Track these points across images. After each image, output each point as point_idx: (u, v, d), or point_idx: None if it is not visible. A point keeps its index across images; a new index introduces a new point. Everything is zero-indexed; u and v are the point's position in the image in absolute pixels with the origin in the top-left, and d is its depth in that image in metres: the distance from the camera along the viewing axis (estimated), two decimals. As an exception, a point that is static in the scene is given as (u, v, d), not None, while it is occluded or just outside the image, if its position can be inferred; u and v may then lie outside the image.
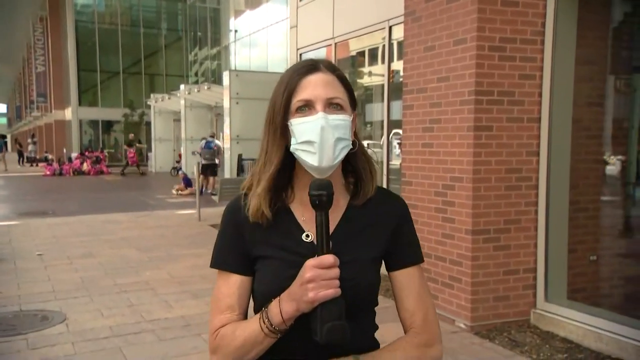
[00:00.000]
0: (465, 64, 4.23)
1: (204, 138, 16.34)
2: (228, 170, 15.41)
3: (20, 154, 32.57)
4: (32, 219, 10.65)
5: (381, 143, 7.09)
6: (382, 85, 7.05)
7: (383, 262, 1.27)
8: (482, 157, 4.26)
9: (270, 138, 1.21)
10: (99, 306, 5.13)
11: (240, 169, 15.42)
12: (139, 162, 23.53)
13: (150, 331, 4.48)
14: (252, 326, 1.13)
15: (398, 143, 6.55)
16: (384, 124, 6.38)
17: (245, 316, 1.22)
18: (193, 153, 19.19)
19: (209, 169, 15.72)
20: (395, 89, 6.50)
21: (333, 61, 7.49)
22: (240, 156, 15.45)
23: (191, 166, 16.95)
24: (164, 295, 5.49)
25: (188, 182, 15.74)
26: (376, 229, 1.24)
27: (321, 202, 1.07)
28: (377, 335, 1.31)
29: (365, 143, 6.71)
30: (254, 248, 1.21)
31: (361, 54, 7.60)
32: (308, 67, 1.20)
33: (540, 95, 4.39)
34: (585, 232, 4.68)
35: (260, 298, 1.20)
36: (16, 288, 5.72)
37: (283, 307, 1.09)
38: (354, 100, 1.24)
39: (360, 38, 7.00)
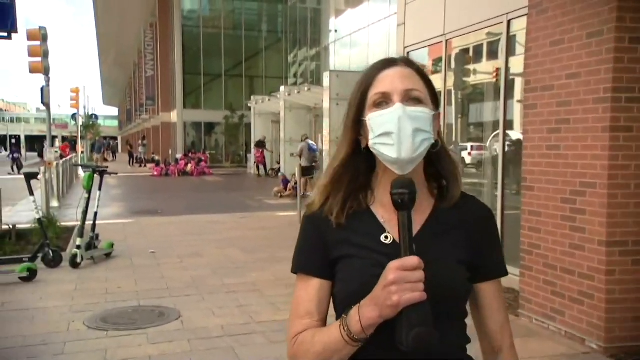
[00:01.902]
0: (600, 58, 3.93)
1: (306, 139, 16.47)
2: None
3: (131, 155, 35.10)
4: (143, 218, 11.42)
5: (487, 145, 6.83)
6: (495, 84, 6.77)
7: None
8: (620, 160, 3.94)
9: (345, 136, 1.23)
10: (210, 305, 5.37)
11: (340, 171, 15.60)
12: (265, 163, 24.17)
13: (261, 333, 4.61)
14: (333, 333, 1.11)
15: (508, 145, 6.25)
16: (500, 124, 6.11)
17: (324, 323, 1.21)
18: (292, 155, 19.62)
19: (308, 171, 15.94)
20: (511, 88, 6.21)
21: (443, 59, 7.32)
22: (339, 158, 15.64)
23: (290, 168, 17.35)
24: (270, 297, 5.64)
25: (287, 184, 16.09)
26: (463, 232, 1.21)
27: (403, 201, 1.06)
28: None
29: (468, 145, 6.43)
30: (334, 249, 1.20)
31: (474, 50, 7.35)
32: (385, 63, 1.21)
33: (690, 91, 3.98)
34: None
35: (343, 299, 1.17)
36: (134, 284, 6.15)
37: (363, 314, 1.06)
38: (435, 97, 1.22)
39: (473, 34, 6.77)
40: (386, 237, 1.18)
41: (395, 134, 1.12)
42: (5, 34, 5.88)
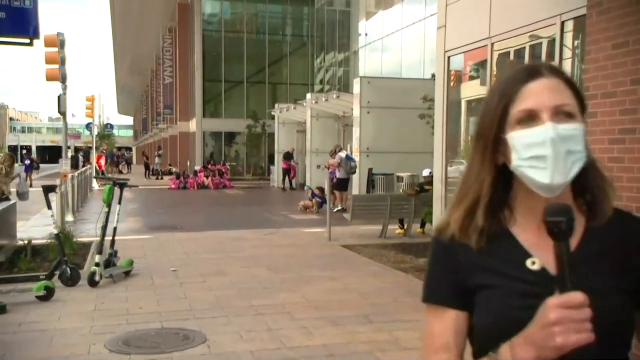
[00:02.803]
0: (671, 61, 3.84)
1: (340, 150, 16.25)
2: (357, 186, 15.55)
3: (147, 167, 35.51)
4: (162, 234, 11.53)
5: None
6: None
7: None
8: (693, 174, 3.82)
9: (478, 155, 1.20)
10: (237, 328, 5.36)
11: (371, 185, 15.45)
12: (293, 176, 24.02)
13: (293, 359, 4.58)
14: None
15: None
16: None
17: (462, 358, 1.20)
18: (318, 167, 19.62)
19: (344, 184, 15.79)
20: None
21: (488, 63, 7.27)
22: (370, 170, 15.47)
23: (316, 181, 17.33)
24: (301, 320, 5.60)
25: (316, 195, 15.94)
26: (621, 255, 1.16)
27: (561, 230, 1.01)
28: None
29: None
30: (470, 277, 1.18)
31: (522, 54, 7.28)
32: (528, 73, 1.17)
33: None
34: None
35: (484, 335, 1.15)
36: (156, 304, 6.19)
37: (517, 354, 1.02)
38: (583, 106, 1.18)
39: (521, 37, 6.71)
40: (533, 263, 1.15)
41: (547, 157, 1.09)
42: (27, 41, 6.02)
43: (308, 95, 21.02)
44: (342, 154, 15.69)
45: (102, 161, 30.22)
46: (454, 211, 1.22)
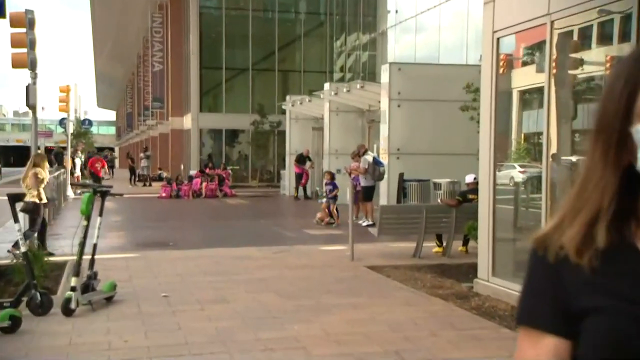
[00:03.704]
0: None
1: (365, 151, 16.15)
2: (385, 195, 15.52)
3: (132, 171, 35.69)
4: (151, 252, 11.63)
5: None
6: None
7: None
8: None
9: (598, 153, 1.17)
10: (242, 367, 5.37)
11: (402, 194, 15.38)
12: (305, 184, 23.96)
13: (309, 406, 4.57)
14: None
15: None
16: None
17: None
18: (338, 171, 19.63)
19: (370, 193, 15.73)
20: None
21: (547, 45, 7.21)
22: (401, 176, 15.43)
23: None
24: (319, 357, 5.64)
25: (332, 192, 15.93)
26: None
27: None
28: None
29: (573, 159, 6.19)
30: (578, 298, 1.16)
31: (589, 34, 7.24)
32: None
33: None
34: None
35: None
36: (143, 337, 6.21)
37: None
38: None
39: (588, 12, 6.67)
40: None
41: None
42: (-8, 20, 6.08)
43: (326, 86, 21.07)
44: (369, 158, 15.55)
45: (99, 165, 29.77)
46: (566, 226, 1.20)
